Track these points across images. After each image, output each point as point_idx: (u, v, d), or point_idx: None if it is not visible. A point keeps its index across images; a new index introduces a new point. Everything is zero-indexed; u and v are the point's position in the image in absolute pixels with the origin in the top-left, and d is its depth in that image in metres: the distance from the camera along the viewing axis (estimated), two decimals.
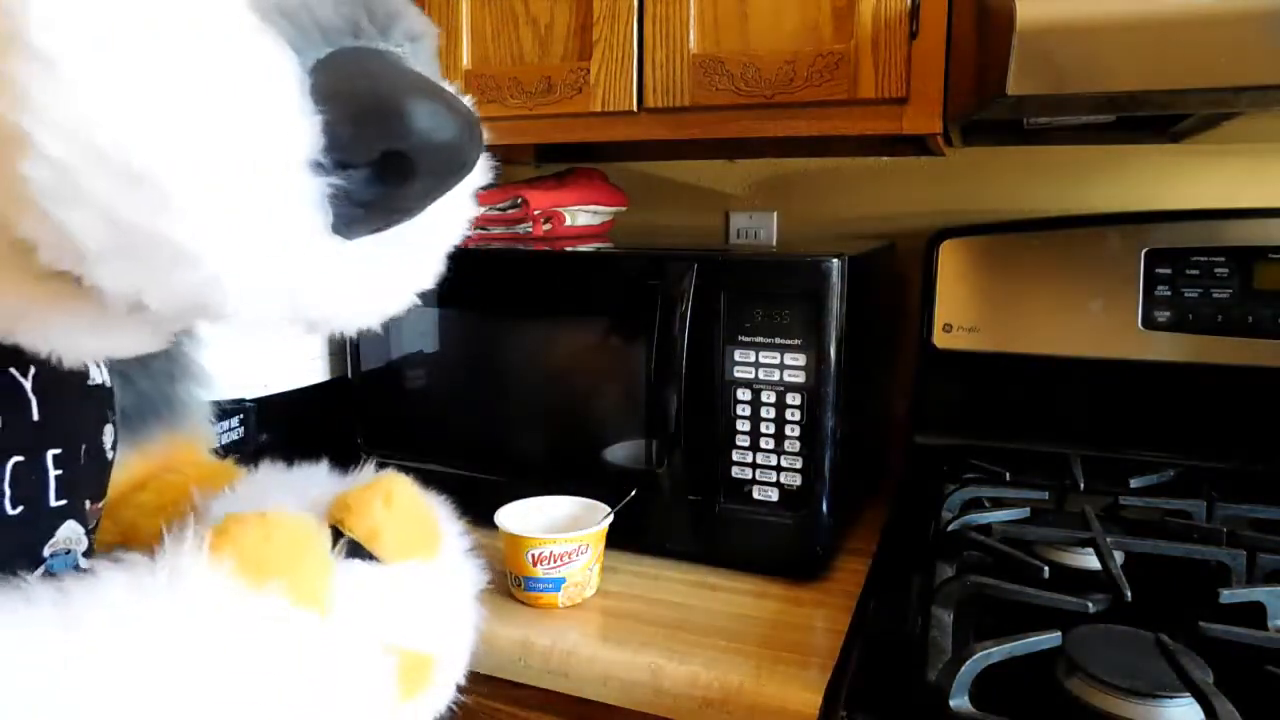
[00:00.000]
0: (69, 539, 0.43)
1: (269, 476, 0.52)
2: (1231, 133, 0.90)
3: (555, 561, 0.76)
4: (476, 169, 0.32)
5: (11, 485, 0.39)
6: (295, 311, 0.29)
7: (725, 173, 1.20)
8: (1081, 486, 0.89)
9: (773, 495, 0.81)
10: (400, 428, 0.98)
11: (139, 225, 0.25)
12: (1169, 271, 0.93)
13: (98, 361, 0.44)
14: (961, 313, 1.01)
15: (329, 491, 0.46)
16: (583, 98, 0.95)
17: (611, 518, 0.81)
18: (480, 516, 0.82)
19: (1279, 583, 0.67)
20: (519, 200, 1.05)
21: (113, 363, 0.45)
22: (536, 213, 1.05)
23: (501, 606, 0.78)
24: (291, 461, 0.56)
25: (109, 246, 0.25)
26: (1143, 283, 0.94)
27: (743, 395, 0.80)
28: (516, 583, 0.78)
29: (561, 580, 0.77)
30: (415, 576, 0.42)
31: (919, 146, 1.03)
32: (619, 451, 0.87)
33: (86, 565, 0.34)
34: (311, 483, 0.50)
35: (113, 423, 0.48)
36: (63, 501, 0.42)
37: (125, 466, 0.51)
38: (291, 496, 0.45)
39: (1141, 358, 0.94)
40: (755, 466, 0.81)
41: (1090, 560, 0.74)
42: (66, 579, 0.29)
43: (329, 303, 0.29)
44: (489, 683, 0.75)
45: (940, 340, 1.03)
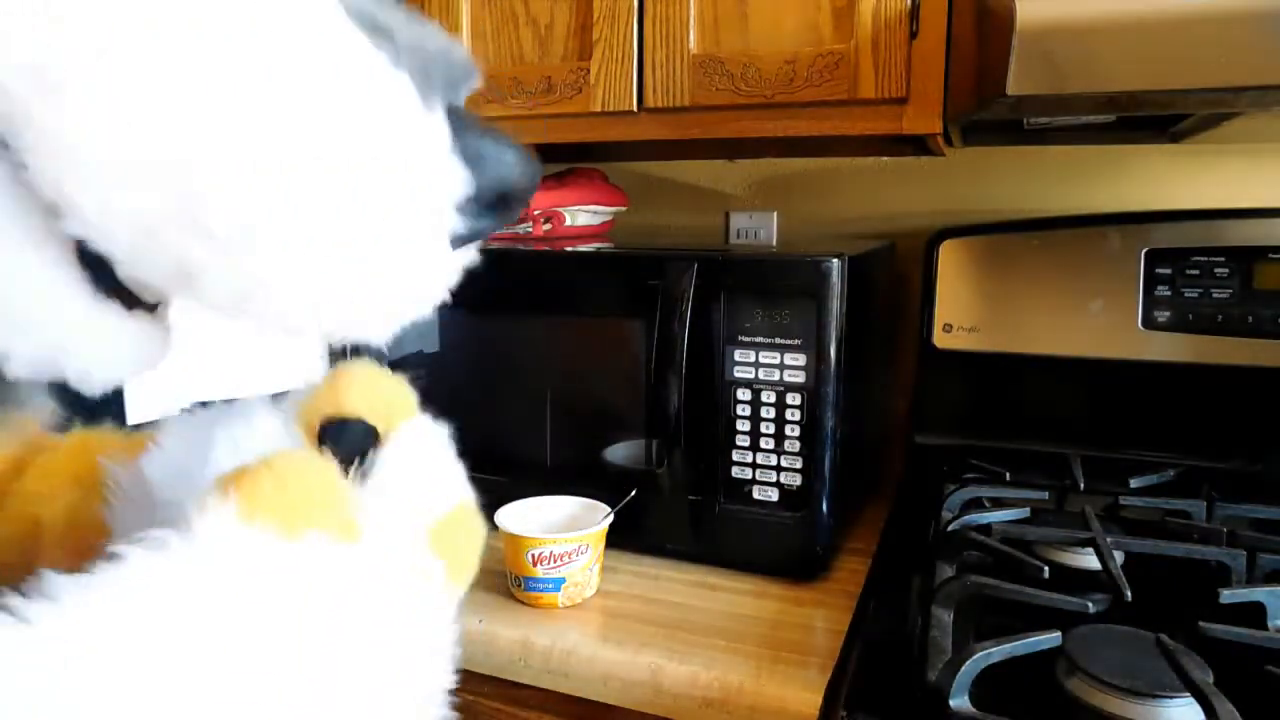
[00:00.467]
0: None
1: (196, 420, 0.46)
2: (1231, 133, 0.90)
3: (555, 561, 0.76)
4: None
5: None
6: (407, 321, 0.33)
7: (725, 173, 1.20)
8: (1081, 486, 0.89)
9: (773, 495, 0.81)
10: None
11: (342, 266, 0.28)
12: (1169, 271, 0.93)
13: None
14: (961, 313, 1.02)
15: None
16: (583, 98, 0.95)
17: (611, 518, 0.81)
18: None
19: (1279, 583, 0.67)
20: None
21: None
22: (536, 213, 1.05)
23: (501, 606, 0.78)
24: None
25: (298, 285, 0.28)
26: (1143, 283, 0.94)
27: (743, 395, 0.80)
28: (516, 583, 0.78)
29: (561, 580, 0.77)
30: (404, 447, 0.41)
31: (919, 146, 1.03)
32: (619, 451, 0.87)
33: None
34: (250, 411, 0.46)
35: None
36: None
37: None
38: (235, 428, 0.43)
39: (1141, 358, 0.94)
40: (755, 466, 0.81)
41: (1090, 560, 0.74)
42: (95, 574, 0.28)
43: (430, 308, 0.33)
44: (489, 683, 0.75)
45: (940, 340, 1.03)
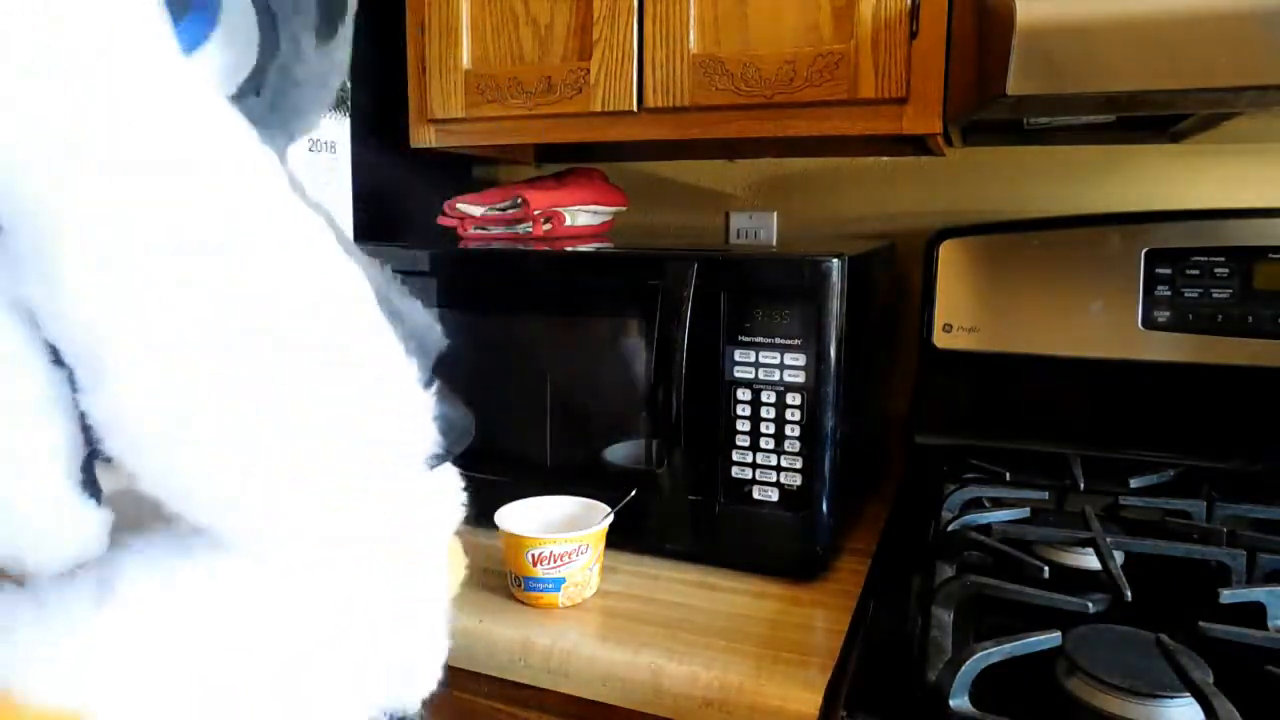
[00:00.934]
0: None
1: None
2: (1231, 133, 0.90)
3: (555, 561, 0.76)
4: None
5: None
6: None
7: (725, 173, 1.21)
8: (1081, 486, 0.89)
9: (773, 495, 0.81)
10: None
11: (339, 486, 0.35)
12: (1169, 271, 0.93)
13: None
14: (961, 313, 1.02)
15: None
16: (583, 98, 0.95)
17: (611, 518, 0.81)
18: (480, 516, 0.82)
19: (1279, 583, 0.67)
20: (519, 200, 1.05)
21: None
22: (536, 213, 1.05)
23: (501, 606, 0.78)
24: None
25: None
26: (1143, 283, 0.94)
27: (743, 395, 0.80)
28: (516, 583, 0.78)
29: (561, 580, 0.77)
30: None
31: (919, 146, 1.03)
32: (619, 451, 0.87)
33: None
34: None
35: None
36: None
37: None
38: None
39: (1141, 358, 0.94)
40: (755, 466, 0.81)
41: (1090, 560, 0.74)
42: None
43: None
44: (489, 683, 0.75)
45: (940, 340, 1.03)
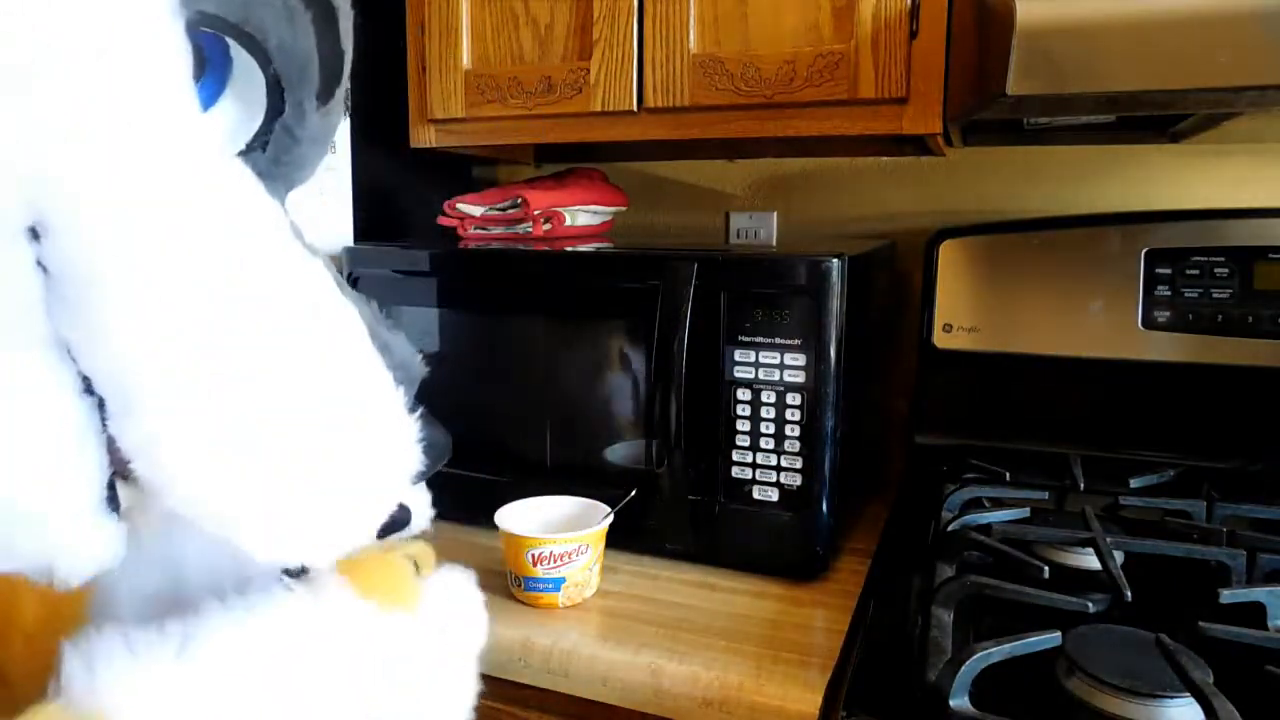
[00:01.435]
0: None
1: None
2: (1231, 133, 0.90)
3: (555, 561, 0.76)
4: None
5: None
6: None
7: (725, 173, 1.21)
8: (1081, 486, 0.89)
9: (773, 495, 0.81)
10: None
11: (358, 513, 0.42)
12: (1169, 271, 0.93)
13: None
14: (961, 313, 1.02)
15: None
16: (583, 98, 0.95)
17: (611, 518, 0.81)
18: (480, 516, 0.82)
19: (1279, 583, 0.67)
20: (519, 200, 1.05)
21: None
22: (536, 213, 1.05)
23: (501, 606, 0.78)
24: None
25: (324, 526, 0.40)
26: (1143, 283, 0.94)
27: (743, 395, 0.80)
28: (516, 583, 0.78)
29: (561, 580, 0.77)
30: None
31: (919, 146, 1.03)
32: (619, 451, 0.87)
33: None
34: None
35: None
36: None
37: None
38: None
39: (1141, 358, 0.94)
40: (755, 466, 0.81)
41: (1090, 560, 0.74)
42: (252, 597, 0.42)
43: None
44: (489, 682, 0.74)
45: (940, 340, 1.03)
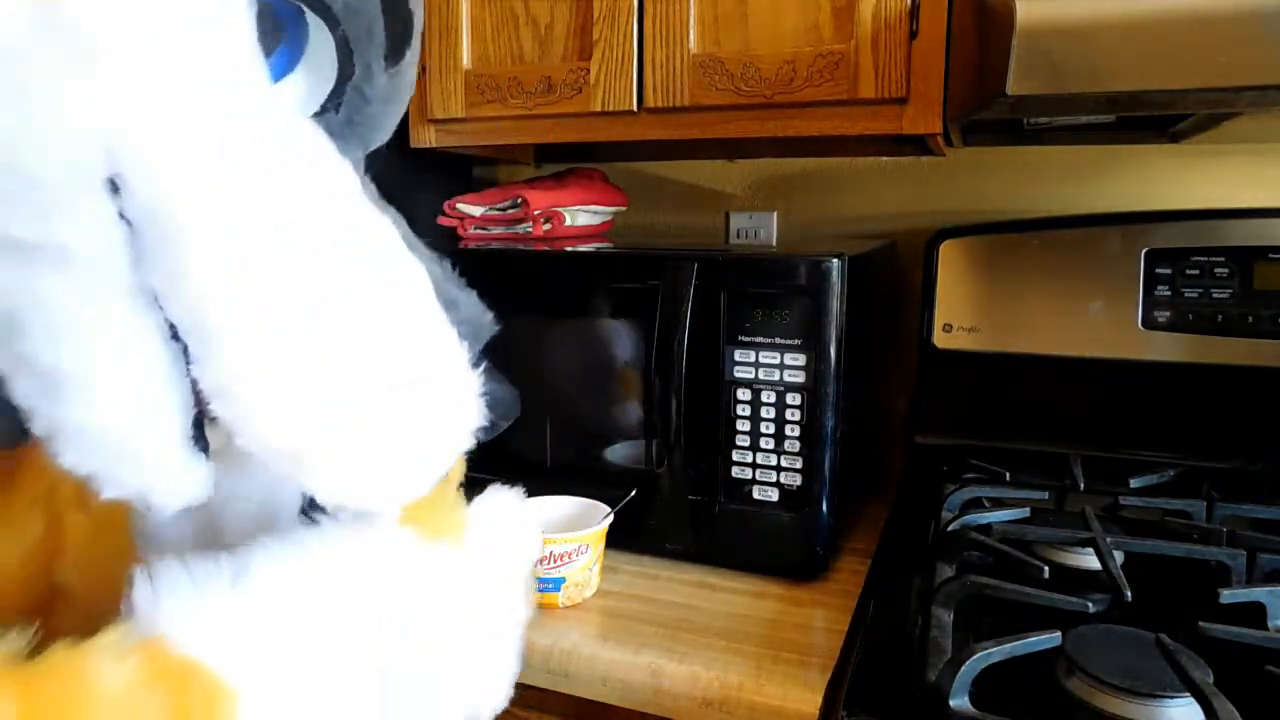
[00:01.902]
0: None
1: None
2: (1231, 133, 0.90)
3: (555, 561, 0.76)
4: None
5: None
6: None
7: (725, 173, 1.20)
8: (1081, 486, 0.89)
9: (773, 495, 0.81)
10: None
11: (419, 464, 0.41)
12: (1169, 271, 0.93)
13: None
14: (961, 313, 1.01)
15: None
16: (583, 98, 0.95)
17: (611, 518, 0.81)
18: None
19: (1279, 583, 0.67)
20: (519, 200, 1.05)
21: None
22: (536, 213, 1.05)
23: None
24: None
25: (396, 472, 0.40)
26: (1143, 283, 0.94)
27: (743, 395, 0.80)
28: None
29: (561, 580, 0.77)
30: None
31: (919, 146, 1.03)
32: (619, 451, 0.87)
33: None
34: None
35: None
36: None
37: None
38: None
39: (1141, 358, 0.94)
40: (755, 466, 0.81)
41: (1090, 560, 0.74)
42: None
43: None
44: None
45: (940, 340, 1.02)
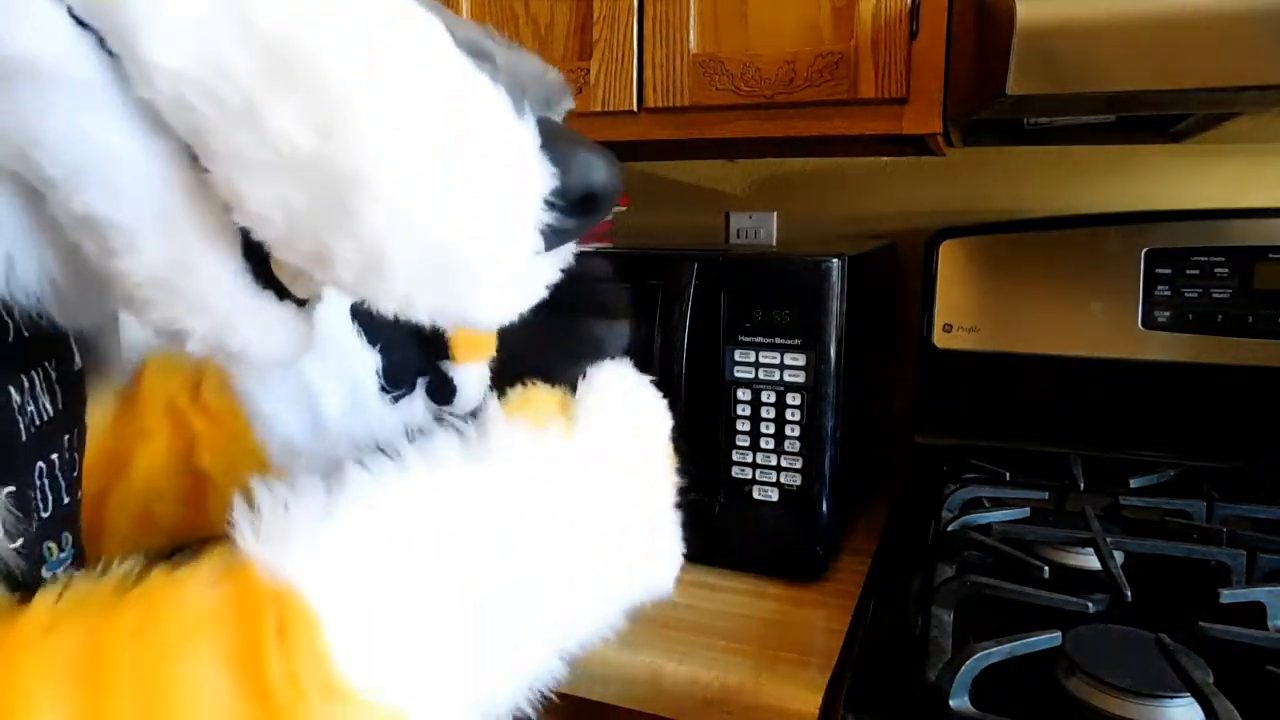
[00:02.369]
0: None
1: None
2: (1231, 133, 0.90)
3: None
4: None
5: (64, 474, 0.43)
6: (507, 318, 0.40)
7: (725, 173, 1.20)
8: (1081, 486, 0.89)
9: (773, 495, 0.81)
10: None
11: (451, 248, 0.33)
12: (1169, 271, 0.93)
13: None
14: (961, 313, 1.02)
15: None
16: (583, 98, 0.95)
17: None
18: None
19: (1279, 583, 0.67)
20: None
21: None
22: None
23: None
24: None
25: (413, 266, 0.33)
26: (1143, 283, 0.94)
27: (743, 395, 0.80)
28: None
29: None
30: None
31: (919, 146, 1.03)
32: None
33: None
34: None
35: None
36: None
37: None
38: None
39: (1141, 358, 0.94)
40: (755, 466, 0.81)
41: (1090, 560, 0.74)
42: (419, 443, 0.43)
43: (529, 301, 0.41)
44: None
45: (940, 340, 1.03)
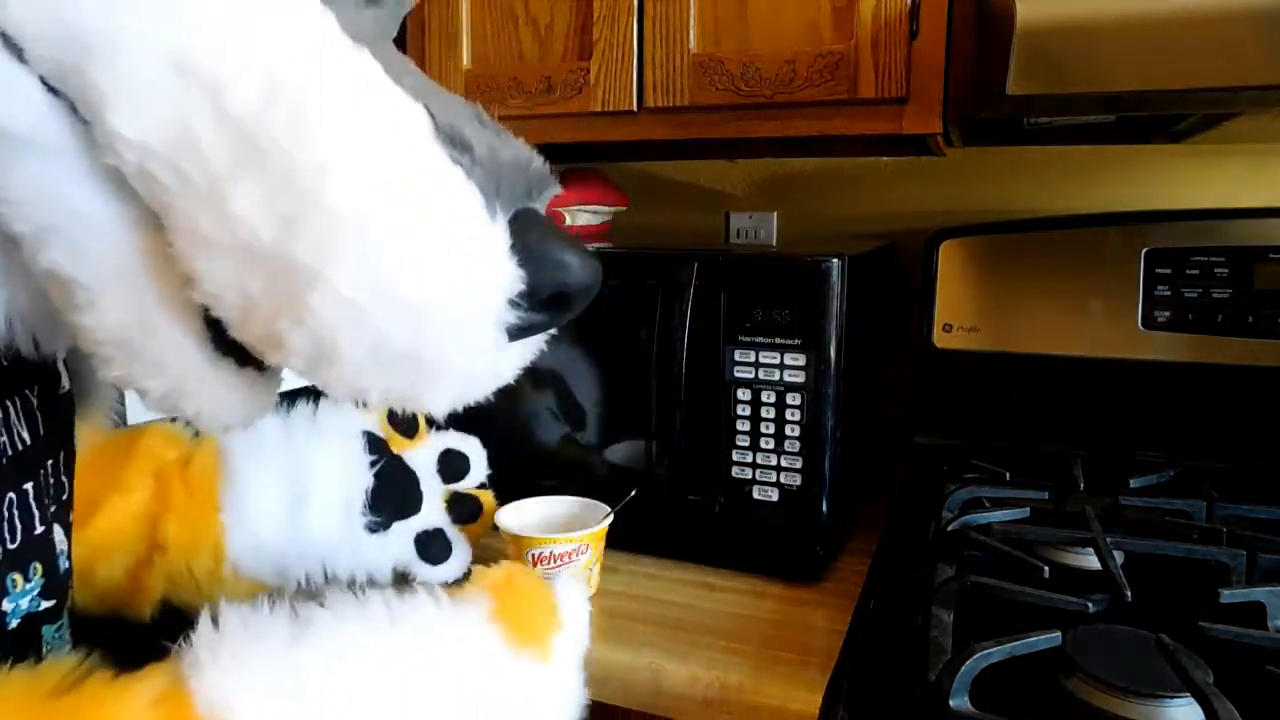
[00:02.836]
0: (61, 543, 0.46)
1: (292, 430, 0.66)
2: (1231, 133, 0.90)
3: (555, 561, 0.76)
4: None
5: (39, 503, 0.42)
6: (466, 399, 0.38)
7: (725, 173, 1.20)
8: (1081, 486, 0.89)
9: (773, 495, 0.81)
10: None
11: (399, 344, 0.33)
12: (1169, 271, 0.93)
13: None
14: (961, 313, 1.01)
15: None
16: (583, 98, 0.95)
17: (611, 518, 0.81)
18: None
19: (1279, 583, 0.67)
20: None
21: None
22: None
23: None
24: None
25: (364, 357, 0.33)
26: (1143, 283, 0.94)
27: (743, 395, 0.80)
28: None
29: None
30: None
31: (919, 146, 1.03)
32: (619, 451, 0.87)
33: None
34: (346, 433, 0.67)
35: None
36: (52, 508, 0.45)
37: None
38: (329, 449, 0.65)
39: (1141, 358, 0.94)
40: (755, 466, 0.81)
41: (1090, 560, 0.74)
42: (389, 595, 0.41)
43: (487, 388, 0.39)
44: None
45: (940, 340, 1.02)
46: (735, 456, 0.82)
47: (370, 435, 0.68)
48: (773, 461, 0.80)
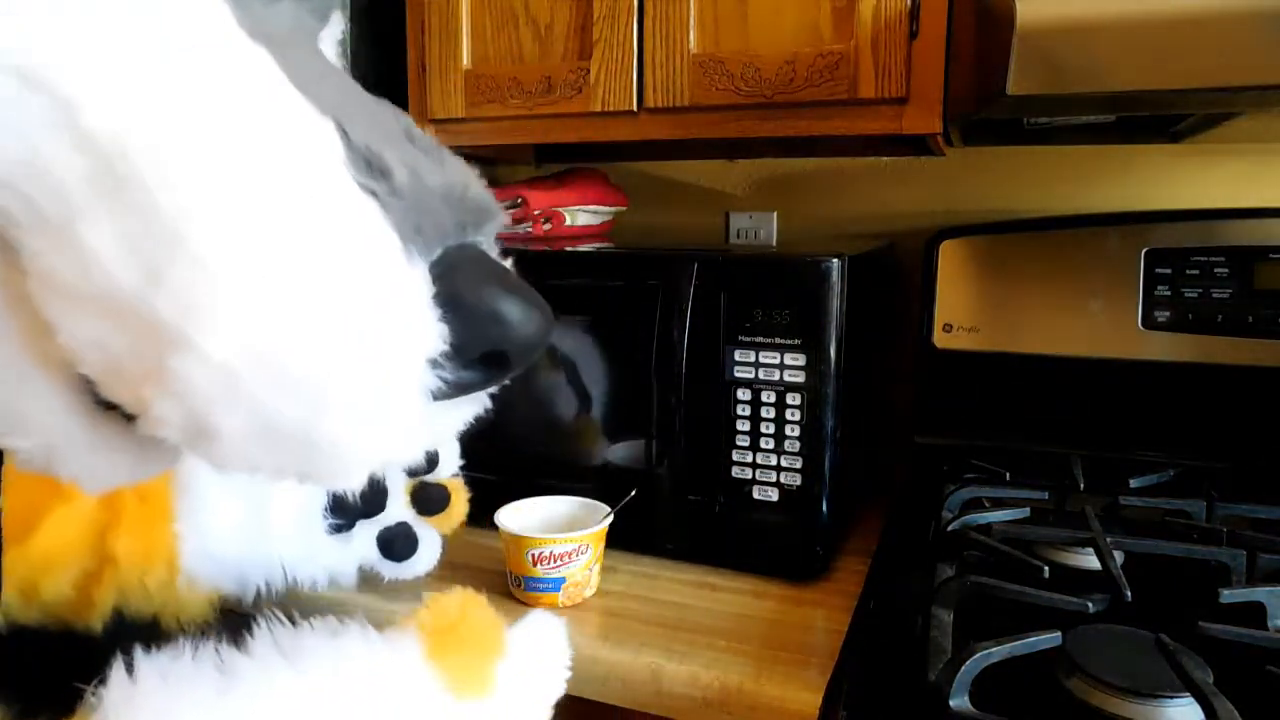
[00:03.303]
0: None
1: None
2: (1231, 133, 0.90)
3: (555, 561, 0.76)
4: None
5: None
6: (381, 470, 0.33)
7: (725, 173, 1.20)
8: (1081, 486, 0.89)
9: (773, 495, 0.81)
10: None
11: (287, 421, 0.27)
12: (1169, 271, 0.93)
13: None
14: (961, 313, 1.01)
15: None
16: (583, 98, 0.95)
17: (611, 518, 0.81)
18: (480, 516, 0.82)
19: (1279, 583, 0.67)
20: (519, 200, 1.05)
21: None
22: (536, 213, 1.05)
23: (501, 606, 0.77)
24: None
25: (246, 434, 0.28)
26: (1143, 283, 0.94)
27: (743, 395, 0.80)
28: (516, 583, 0.78)
29: (561, 580, 0.77)
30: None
31: (919, 146, 1.03)
32: (619, 451, 0.87)
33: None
34: None
35: None
36: None
37: None
38: None
39: (1141, 358, 0.94)
40: (755, 466, 0.81)
41: (1090, 560, 0.74)
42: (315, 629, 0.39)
43: (407, 458, 0.33)
44: None
45: (940, 340, 1.02)
46: (735, 456, 0.82)
47: None
48: (773, 461, 0.80)
